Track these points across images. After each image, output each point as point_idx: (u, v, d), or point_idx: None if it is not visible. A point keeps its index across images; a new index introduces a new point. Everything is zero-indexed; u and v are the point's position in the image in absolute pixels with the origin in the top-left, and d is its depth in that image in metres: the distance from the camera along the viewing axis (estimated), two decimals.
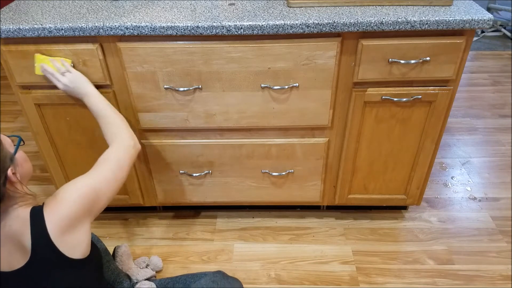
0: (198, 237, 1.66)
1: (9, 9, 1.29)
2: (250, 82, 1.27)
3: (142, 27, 1.16)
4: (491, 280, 1.46)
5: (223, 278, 1.19)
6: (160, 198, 1.60)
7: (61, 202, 0.88)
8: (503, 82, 2.65)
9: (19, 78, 1.28)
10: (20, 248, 0.85)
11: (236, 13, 1.21)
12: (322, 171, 1.50)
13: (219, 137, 1.43)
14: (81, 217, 0.90)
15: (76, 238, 0.88)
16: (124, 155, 1.10)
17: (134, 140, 1.17)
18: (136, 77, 1.27)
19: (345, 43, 1.22)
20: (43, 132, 1.41)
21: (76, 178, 0.96)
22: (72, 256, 0.87)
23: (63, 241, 0.86)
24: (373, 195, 1.58)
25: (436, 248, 1.58)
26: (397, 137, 1.41)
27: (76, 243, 0.88)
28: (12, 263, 0.85)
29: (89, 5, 1.30)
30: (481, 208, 1.75)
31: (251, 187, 1.56)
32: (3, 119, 2.42)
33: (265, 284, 1.47)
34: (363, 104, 1.32)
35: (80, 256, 0.89)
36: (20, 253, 0.85)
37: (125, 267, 1.41)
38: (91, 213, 0.94)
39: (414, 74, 1.26)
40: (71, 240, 0.87)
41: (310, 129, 1.41)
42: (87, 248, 0.91)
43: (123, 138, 1.15)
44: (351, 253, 1.57)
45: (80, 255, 0.89)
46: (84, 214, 0.91)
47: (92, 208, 0.94)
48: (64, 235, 0.86)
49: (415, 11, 1.18)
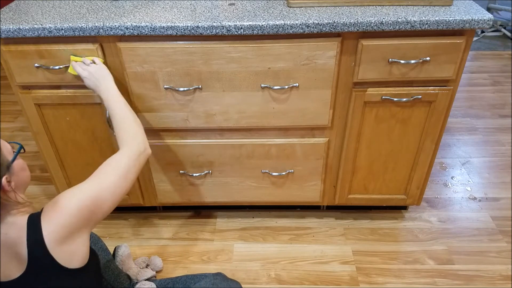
0: (198, 237, 1.65)
1: (9, 9, 1.29)
2: (250, 82, 1.27)
3: (142, 27, 1.16)
4: (491, 280, 1.46)
5: (223, 280, 1.19)
6: (160, 198, 1.60)
7: (60, 212, 0.85)
8: (503, 82, 2.65)
9: (19, 78, 1.28)
10: (16, 257, 0.83)
11: (236, 13, 1.21)
12: (322, 171, 1.50)
13: (219, 137, 1.43)
14: (80, 228, 0.87)
15: (74, 248, 0.86)
16: (133, 162, 1.04)
17: (145, 145, 1.11)
18: (136, 77, 1.27)
19: (345, 43, 1.22)
20: (43, 132, 1.41)
21: (78, 184, 0.92)
22: (69, 266, 0.85)
23: (60, 250, 0.83)
24: (373, 195, 1.58)
25: (436, 248, 1.58)
26: (397, 137, 1.41)
27: (74, 253, 0.86)
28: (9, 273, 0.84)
29: (89, 5, 1.30)
30: (481, 208, 1.75)
31: (251, 187, 1.56)
32: (3, 119, 2.42)
33: (265, 284, 1.47)
34: (363, 104, 1.32)
35: (77, 265, 0.87)
36: (16, 262, 0.83)
37: (125, 267, 1.41)
38: (91, 223, 0.90)
39: (414, 74, 1.26)
40: (68, 250, 0.85)
41: (310, 129, 1.41)
42: (85, 257, 0.89)
43: (134, 144, 1.08)
44: (351, 253, 1.57)
45: (77, 265, 0.87)
46: (83, 224, 0.88)
47: (92, 218, 0.90)
48: (61, 245, 0.84)
49: (415, 11, 1.18)
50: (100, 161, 1.48)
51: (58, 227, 0.83)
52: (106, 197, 0.93)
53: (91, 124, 1.39)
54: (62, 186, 1.56)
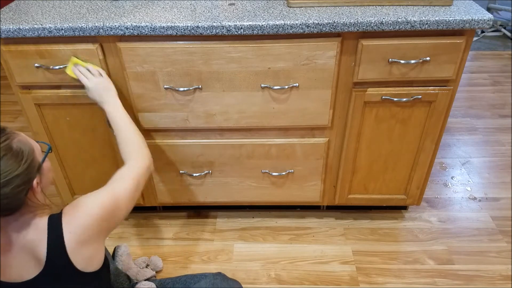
0: (198, 237, 1.65)
1: (9, 9, 1.29)
2: (250, 82, 1.27)
3: (142, 27, 1.16)
4: (491, 280, 1.46)
5: (223, 280, 1.19)
6: (160, 198, 1.60)
7: (82, 213, 0.85)
8: (503, 82, 2.65)
9: (19, 78, 1.28)
10: (33, 258, 0.83)
11: (236, 13, 1.21)
12: (322, 171, 1.50)
13: (219, 137, 1.43)
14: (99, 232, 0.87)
15: (91, 253, 0.86)
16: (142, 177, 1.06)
17: (150, 161, 1.13)
18: (136, 77, 1.27)
19: (345, 43, 1.22)
20: (43, 132, 1.41)
21: (95, 191, 0.93)
22: (85, 270, 0.85)
23: (79, 253, 0.84)
24: (373, 195, 1.58)
25: (436, 248, 1.58)
26: (397, 137, 1.41)
27: (90, 258, 0.86)
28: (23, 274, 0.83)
29: (89, 5, 1.30)
30: (481, 208, 1.75)
31: (251, 187, 1.56)
32: (3, 119, 2.42)
33: (265, 284, 1.47)
34: (363, 104, 1.32)
35: (92, 270, 0.87)
36: (33, 263, 0.83)
37: (125, 267, 1.41)
38: (108, 229, 0.91)
39: (414, 74, 1.26)
40: (86, 253, 0.85)
41: (310, 129, 1.41)
42: (100, 263, 0.89)
43: (139, 159, 1.10)
44: (351, 253, 1.57)
45: (92, 269, 0.87)
46: (102, 228, 0.88)
47: (110, 223, 0.91)
48: (80, 248, 0.84)
49: (415, 11, 1.18)
50: (100, 161, 1.49)
51: (79, 229, 0.84)
52: (122, 205, 0.95)
53: (91, 124, 1.39)
54: (62, 186, 1.56)
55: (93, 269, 0.87)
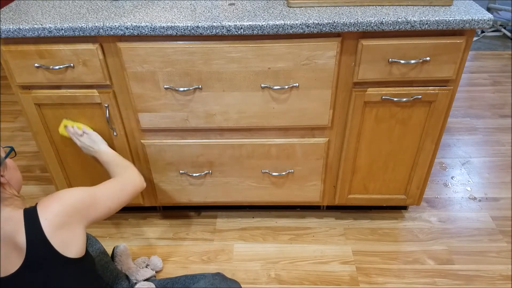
0: (198, 237, 1.66)
1: (9, 9, 1.29)
2: (250, 82, 1.27)
3: (142, 27, 1.16)
4: (491, 280, 1.46)
5: (222, 280, 1.19)
6: (160, 198, 1.60)
7: (56, 200, 0.91)
8: (503, 82, 2.65)
9: (19, 78, 1.28)
10: (15, 248, 0.85)
11: (236, 13, 1.21)
12: (322, 171, 1.50)
13: (219, 137, 1.43)
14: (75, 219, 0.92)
15: (70, 236, 0.90)
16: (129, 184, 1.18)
17: (141, 178, 1.25)
18: (136, 77, 1.27)
19: (345, 43, 1.22)
20: (43, 132, 1.41)
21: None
22: (66, 254, 0.88)
23: (57, 236, 0.87)
24: (373, 195, 1.58)
25: (436, 248, 1.58)
26: (397, 137, 1.41)
27: (69, 241, 0.89)
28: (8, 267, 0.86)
29: (89, 5, 1.30)
30: (481, 208, 1.75)
31: (251, 187, 1.56)
32: (3, 119, 2.42)
33: (265, 284, 1.47)
34: (363, 104, 1.32)
35: (73, 255, 0.90)
36: (16, 253, 0.86)
37: (124, 267, 1.41)
38: (86, 218, 0.95)
39: (414, 74, 1.26)
40: (65, 236, 0.89)
41: (310, 129, 1.41)
42: (81, 249, 0.92)
43: (130, 174, 1.23)
44: (351, 253, 1.57)
45: (74, 254, 0.90)
46: (79, 217, 0.93)
47: (87, 212, 0.96)
48: (58, 230, 0.87)
49: (415, 11, 1.18)
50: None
51: (55, 214, 0.88)
52: (101, 198, 1.02)
53: (91, 124, 1.39)
54: (62, 186, 1.56)
55: (74, 254, 0.90)
